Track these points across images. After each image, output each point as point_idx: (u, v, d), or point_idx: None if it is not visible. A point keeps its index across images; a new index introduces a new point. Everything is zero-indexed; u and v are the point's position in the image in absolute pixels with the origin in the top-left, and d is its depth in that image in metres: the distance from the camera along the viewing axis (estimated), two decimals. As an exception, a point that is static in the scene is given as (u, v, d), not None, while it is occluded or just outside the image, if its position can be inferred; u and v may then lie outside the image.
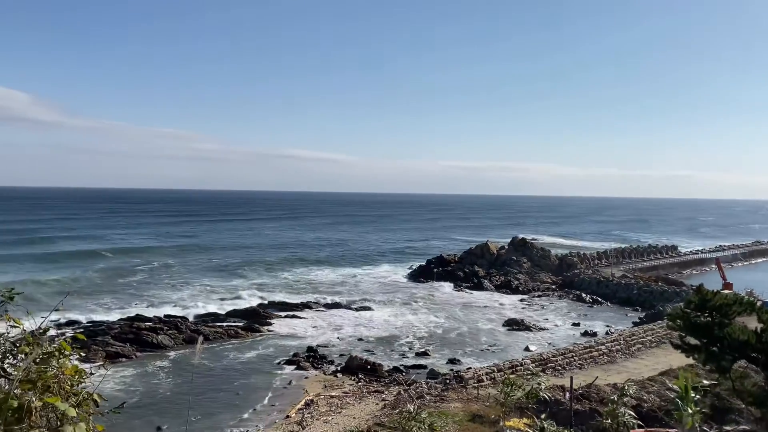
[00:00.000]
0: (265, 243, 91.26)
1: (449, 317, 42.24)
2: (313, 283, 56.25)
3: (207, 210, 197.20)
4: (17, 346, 4.14)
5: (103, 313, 39.47)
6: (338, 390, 26.13)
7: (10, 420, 3.61)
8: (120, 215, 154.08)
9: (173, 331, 34.62)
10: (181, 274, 59.04)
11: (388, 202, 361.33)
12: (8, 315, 4.34)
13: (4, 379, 4.21)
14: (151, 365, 29.42)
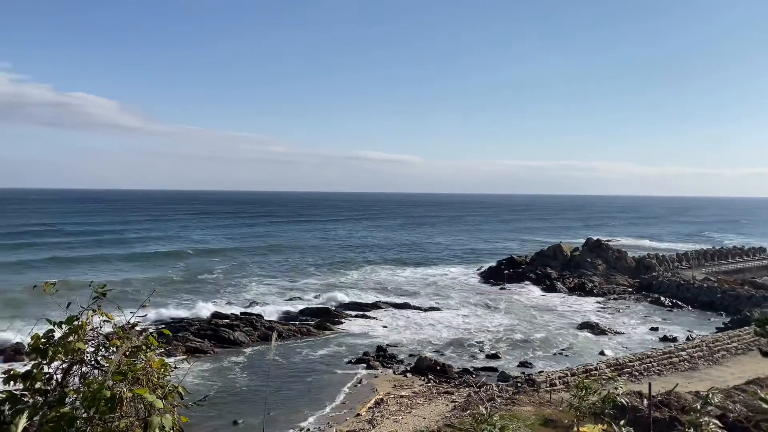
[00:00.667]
0: (335, 243, 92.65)
1: (521, 319, 41.50)
2: (383, 283, 56.61)
3: (279, 211, 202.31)
4: (109, 340, 4.43)
5: (183, 309, 41.19)
6: (408, 390, 26.19)
7: (103, 409, 3.85)
8: (198, 217, 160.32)
9: (249, 328, 35.70)
10: (256, 273, 60.81)
11: (451, 202, 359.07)
12: (101, 310, 4.64)
13: (98, 370, 4.51)
14: (227, 361, 30.47)
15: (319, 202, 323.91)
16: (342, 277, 59.88)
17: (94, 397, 3.82)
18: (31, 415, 4.16)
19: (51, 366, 4.41)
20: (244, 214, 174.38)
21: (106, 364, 4.52)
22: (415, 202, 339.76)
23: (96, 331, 4.58)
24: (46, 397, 4.29)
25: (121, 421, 4.02)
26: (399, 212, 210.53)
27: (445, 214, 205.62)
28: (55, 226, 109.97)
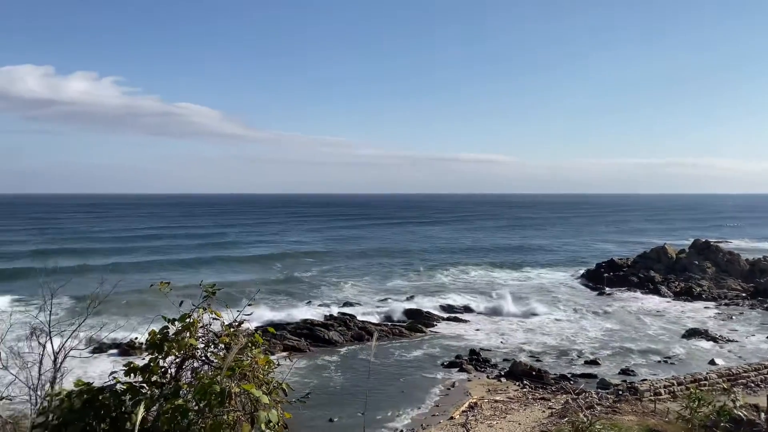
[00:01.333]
0: (427, 245, 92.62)
1: (622, 324, 39.68)
2: (476, 285, 55.97)
3: (371, 213, 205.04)
4: (219, 337, 4.65)
5: (280, 309, 42.64)
6: (502, 395, 25.71)
7: (213, 403, 4.05)
8: (294, 219, 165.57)
9: (343, 327, 36.41)
10: (348, 274, 61.94)
11: (547, 203, 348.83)
12: (211, 308, 4.88)
13: (208, 366, 4.74)
14: (322, 359, 31.22)
15: (409, 204, 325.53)
16: (434, 279, 59.79)
17: (205, 391, 4.02)
18: (149, 406, 4.44)
19: (166, 360, 4.70)
20: (336, 217, 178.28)
21: (215, 360, 4.77)
22: (509, 203, 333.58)
23: (206, 329, 4.84)
24: (162, 390, 4.58)
25: (230, 415, 4.21)
26: (492, 213, 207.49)
27: (541, 215, 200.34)
28: (164, 230, 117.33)
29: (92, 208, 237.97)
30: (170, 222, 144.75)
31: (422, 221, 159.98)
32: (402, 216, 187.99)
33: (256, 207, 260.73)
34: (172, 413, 3.92)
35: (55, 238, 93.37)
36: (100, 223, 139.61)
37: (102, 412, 4.35)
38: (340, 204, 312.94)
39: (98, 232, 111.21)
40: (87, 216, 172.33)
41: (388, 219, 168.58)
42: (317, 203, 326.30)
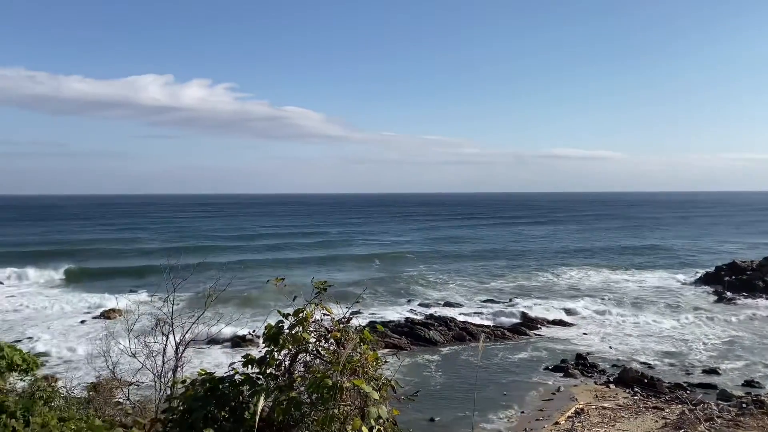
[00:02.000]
0: (532, 245, 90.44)
1: (745, 332, 36.75)
2: (583, 287, 53.94)
3: (472, 212, 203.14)
4: (330, 332, 4.79)
5: (381, 307, 43.22)
6: (611, 402, 24.59)
7: (326, 396, 4.18)
8: (394, 219, 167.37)
9: (443, 327, 36.32)
10: (449, 273, 61.69)
11: (662, 201, 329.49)
12: (322, 304, 5.05)
13: (319, 360, 4.90)
14: (423, 358, 31.31)
15: (513, 202, 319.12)
16: (539, 280, 58.24)
17: (318, 384, 4.16)
18: (266, 397, 4.66)
19: (280, 353, 4.91)
20: (438, 216, 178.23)
21: (325, 355, 4.92)
22: (620, 202, 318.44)
23: (317, 324, 5.00)
24: (277, 381, 4.79)
25: (341, 409, 4.33)
26: (602, 213, 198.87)
27: (655, 214, 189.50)
28: (272, 228, 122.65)
29: (208, 208, 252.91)
30: (277, 221, 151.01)
31: (527, 220, 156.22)
32: (506, 215, 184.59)
33: (357, 207, 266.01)
34: (287, 405, 4.09)
35: (176, 237, 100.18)
36: (215, 222, 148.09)
37: (222, 401, 4.61)
38: (442, 203, 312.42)
39: (214, 231, 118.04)
40: (203, 216, 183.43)
41: (491, 218, 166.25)
42: (419, 202, 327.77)
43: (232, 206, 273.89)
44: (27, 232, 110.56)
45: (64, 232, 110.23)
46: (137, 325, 12.76)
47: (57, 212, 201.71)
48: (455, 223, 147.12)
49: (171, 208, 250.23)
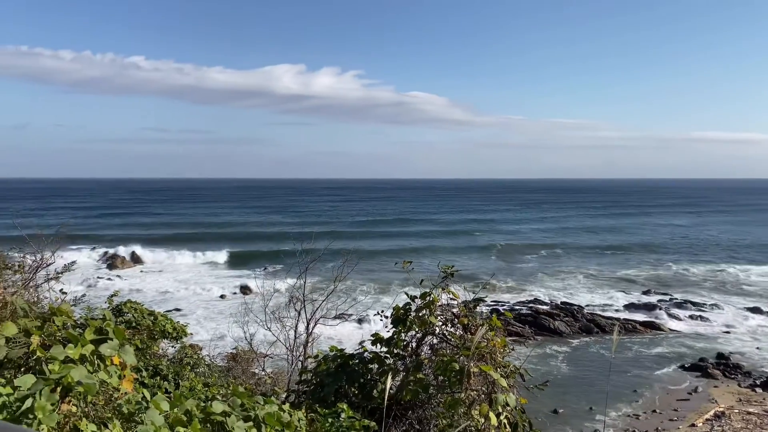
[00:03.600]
0: (670, 236, 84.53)
1: None
2: (728, 282, 49.65)
3: (602, 199, 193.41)
4: (457, 317, 4.83)
5: (503, 294, 42.57)
6: (757, 407, 22.53)
7: (453, 380, 4.22)
8: (520, 205, 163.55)
9: (569, 318, 35.11)
10: (571, 262, 59.36)
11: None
12: (449, 288, 5.08)
13: (445, 343, 4.95)
14: (548, 349, 30.48)
15: (651, 189, 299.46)
16: (676, 273, 54.38)
17: (445, 368, 4.21)
18: (393, 376, 4.80)
19: (407, 335, 5.02)
20: (568, 204, 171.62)
21: (452, 339, 4.96)
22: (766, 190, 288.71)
23: (444, 308, 5.05)
24: (404, 362, 4.91)
25: (467, 394, 4.35)
26: (749, 202, 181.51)
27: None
28: (395, 214, 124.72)
29: (336, 192, 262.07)
30: (402, 206, 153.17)
31: (668, 210, 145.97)
32: (642, 203, 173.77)
33: (481, 193, 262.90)
34: (414, 386, 4.18)
35: (307, 219, 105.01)
36: (343, 206, 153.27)
37: (352, 377, 4.80)
38: (572, 189, 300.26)
39: (342, 214, 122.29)
40: (332, 199, 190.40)
41: (626, 206, 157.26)
42: (546, 188, 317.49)
43: (359, 191, 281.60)
44: (177, 213, 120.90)
45: (208, 215, 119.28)
46: (272, 302, 13.56)
47: (203, 195, 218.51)
48: (585, 211, 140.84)
49: (302, 192, 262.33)
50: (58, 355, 3.51)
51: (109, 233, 74.21)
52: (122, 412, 3.61)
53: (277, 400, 4.91)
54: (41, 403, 3.07)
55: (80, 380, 3.35)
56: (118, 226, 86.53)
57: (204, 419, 3.80)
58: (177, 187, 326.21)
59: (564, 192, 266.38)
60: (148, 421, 3.31)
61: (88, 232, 72.07)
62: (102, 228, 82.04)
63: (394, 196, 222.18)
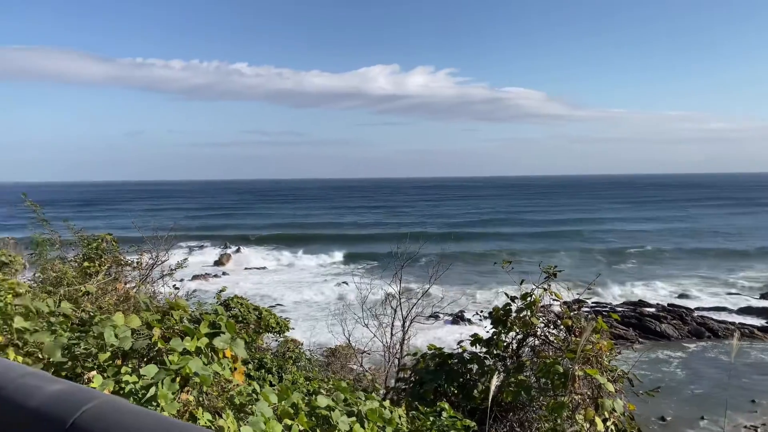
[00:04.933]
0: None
1: None
2: None
3: (716, 195, 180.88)
4: (560, 318, 4.69)
5: (605, 296, 40.88)
6: None
7: (556, 383, 4.11)
8: (623, 202, 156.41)
9: (677, 321, 33.16)
10: (680, 262, 55.95)
11: None
12: (551, 289, 4.95)
13: (547, 345, 4.83)
14: (657, 353, 28.94)
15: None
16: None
17: (548, 370, 4.11)
18: (494, 377, 4.75)
19: (507, 335, 4.94)
20: (674, 200, 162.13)
21: (554, 341, 4.83)
22: None
23: (546, 309, 4.93)
24: (504, 363, 4.84)
25: (571, 398, 4.22)
26: None
27: None
28: (491, 213, 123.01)
29: (430, 190, 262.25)
30: (498, 205, 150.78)
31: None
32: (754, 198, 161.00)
33: (580, 189, 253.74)
34: (515, 387, 4.11)
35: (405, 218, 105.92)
36: (439, 204, 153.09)
37: (452, 376, 4.79)
38: (682, 185, 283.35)
39: (439, 212, 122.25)
40: (426, 198, 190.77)
41: (744, 202, 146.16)
42: (653, 184, 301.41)
43: (452, 189, 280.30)
44: (278, 213, 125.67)
45: (306, 215, 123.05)
46: (368, 300, 13.79)
47: (300, 195, 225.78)
48: (696, 208, 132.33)
49: (396, 191, 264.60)
50: (176, 347, 3.76)
51: (216, 233, 78.42)
52: (234, 403, 3.81)
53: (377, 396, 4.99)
54: (163, 391, 3.30)
55: (197, 371, 3.57)
56: (224, 226, 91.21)
57: (309, 412, 3.93)
58: (277, 188, 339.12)
59: (672, 188, 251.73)
60: (258, 413, 3.47)
61: (197, 232, 76.53)
62: (209, 228, 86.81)
63: (488, 194, 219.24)
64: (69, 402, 1.17)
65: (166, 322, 4.36)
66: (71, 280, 8.66)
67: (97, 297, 7.62)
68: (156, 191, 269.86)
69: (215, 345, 4.06)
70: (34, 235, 11.30)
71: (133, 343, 3.95)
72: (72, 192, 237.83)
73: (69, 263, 10.47)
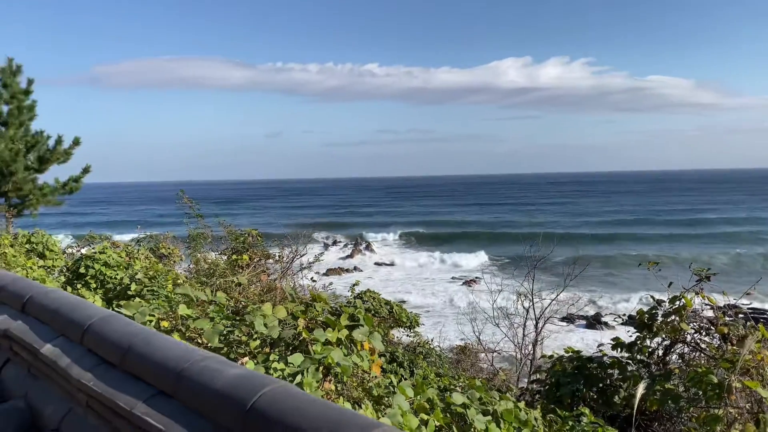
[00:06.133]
0: None
1: None
2: None
3: None
4: (714, 325, 4.34)
5: (763, 301, 37.08)
6: None
7: (709, 394, 3.81)
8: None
9: None
10: None
11: None
12: (702, 293, 4.59)
13: (698, 353, 4.49)
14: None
15: None
16: None
17: (700, 380, 3.82)
18: (637, 384, 4.50)
19: (652, 341, 4.66)
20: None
21: (707, 348, 4.47)
22: None
23: (697, 314, 4.58)
24: (649, 369, 4.57)
25: (727, 411, 3.89)
26: None
27: None
28: (636, 208, 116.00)
29: (564, 186, 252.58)
30: (642, 201, 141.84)
31: None
32: None
33: (735, 185, 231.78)
34: (662, 396, 3.86)
35: (534, 217, 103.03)
36: (579, 200, 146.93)
37: (591, 381, 4.61)
38: None
39: (573, 209, 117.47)
40: (560, 194, 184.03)
41: None
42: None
43: (589, 184, 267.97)
44: (408, 210, 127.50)
45: (436, 213, 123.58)
46: (499, 299, 13.60)
47: (430, 192, 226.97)
48: None
49: (526, 187, 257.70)
50: (319, 338, 3.97)
51: (347, 230, 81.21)
52: (372, 394, 3.95)
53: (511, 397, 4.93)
54: (308, 379, 3.51)
55: (339, 362, 3.74)
56: (355, 223, 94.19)
57: (444, 408, 3.97)
58: (406, 185, 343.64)
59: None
60: (395, 405, 3.57)
61: (329, 228, 79.74)
62: (341, 224, 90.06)
63: (628, 189, 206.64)
64: (247, 386, 1.30)
65: (309, 313, 4.61)
66: (222, 271, 9.41)
67: (245, 288, 8.22)
68: (292, 189, 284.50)
69: (354, 337, 4.23)
70: (190, 230, 12.42)
71: (280, 332, 4.22)
72: (215, 190, 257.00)
73: (219, 256, 11.40)
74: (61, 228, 58.29)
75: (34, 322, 2.29)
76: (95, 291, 9.38)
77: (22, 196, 16.20)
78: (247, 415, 1.24)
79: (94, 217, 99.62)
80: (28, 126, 16.51)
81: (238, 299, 5.42)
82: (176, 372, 1.47)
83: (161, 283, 7.34)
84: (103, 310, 2.09)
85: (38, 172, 16.49)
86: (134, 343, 1.69)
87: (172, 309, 4.68)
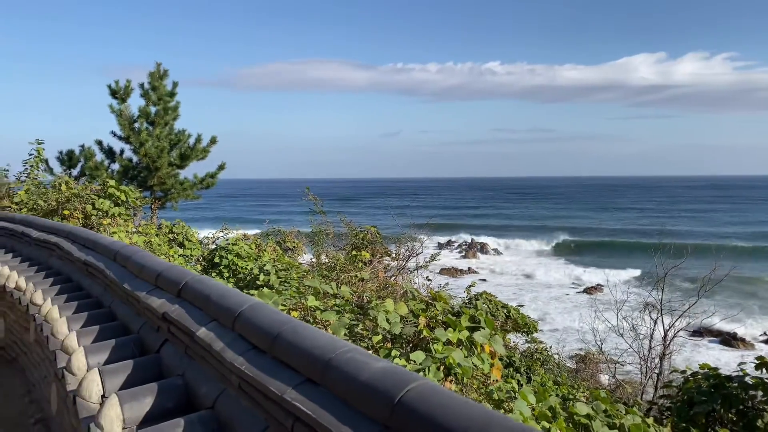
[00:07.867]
0: None
1: None
2: None
3: None
4: None
5: None
6: None
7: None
8: None
9: None
10: None
11: None
12: None
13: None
14: None
15: None
16: None
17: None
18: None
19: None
20: None
21: None
22: None
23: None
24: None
25: None
26: None
27: None
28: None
29: (704, 190, 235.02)
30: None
31: None
32: None
33: None
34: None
35: (667, 223, 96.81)
36: (716, 205, 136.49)
37: (729, 401, 4.29)
38: None
39: (713, 215, 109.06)
40: (698, 198, 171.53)
41: None
42: None
43: (734, 189, 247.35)
44: (525, 210, 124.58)
45: (554, 216, 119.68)
46: (624, 308, 12.95)
47: (549, 193, 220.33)
48: None
49: (660, 190, 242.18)
50: (440, 337, 4.01)
51: (462, 230, 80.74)
52: (493, 398, 3.93)
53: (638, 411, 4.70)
54: (430, 378, 3.56)
55: (460, 362, 3.77)
56: (469, 224, 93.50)
57: (567, 418, 3.88)
58: (523, 185, 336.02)
59: None
60: (516, 411, 3.53)
61: (444, 228, 79.70)
62: (456, 224, 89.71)
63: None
64: (394, 380, 1.37)
65: (430, 312, 4.67)
66: (342, 266, 9.73)
67: (365, 283, 8.45)
68: (407, 188, 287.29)
69: (475, 339, 4.23)
70: (313, 225, 12.97)
71: (401, 328, 4.31)
72: (333, 187, 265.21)
73: (339, 251, 11.80)
74: (194, 221, 62.84)
75: (189, 307, 2.52)
76: (228, 280, 10.09)
77: (165, 190, 17.71)
78: (395, 409, 1.30)
79: (221, 212, 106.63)
80: (172, 125, 18.02)
81: (360, 294, 5.60)
82: (324, 361, 1.57)
83: (291, 275, 7.74)
84: (251, 298, 2.26)
85: (179, 168, 17.94)
86: (283, 331, 1.82)
87: (300, 300, 4.92)
